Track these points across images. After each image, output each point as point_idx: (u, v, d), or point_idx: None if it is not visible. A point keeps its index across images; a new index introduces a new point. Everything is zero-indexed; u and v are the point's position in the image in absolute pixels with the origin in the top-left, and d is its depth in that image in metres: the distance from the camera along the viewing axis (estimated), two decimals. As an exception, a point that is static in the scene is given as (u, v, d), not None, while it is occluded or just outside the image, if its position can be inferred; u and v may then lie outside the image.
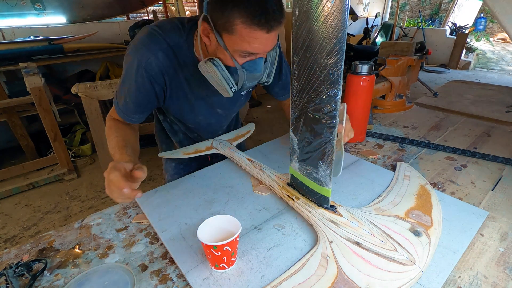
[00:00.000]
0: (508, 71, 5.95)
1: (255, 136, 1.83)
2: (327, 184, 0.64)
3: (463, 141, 1.08)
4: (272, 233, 0.66)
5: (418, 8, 9.02)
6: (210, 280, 0.54)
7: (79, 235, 0.69)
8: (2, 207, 2.24)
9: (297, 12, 0.54)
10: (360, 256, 0.56)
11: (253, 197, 0.78)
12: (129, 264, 0.60)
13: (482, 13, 7.47)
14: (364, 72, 0.99)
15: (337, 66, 0.52)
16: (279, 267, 0.57)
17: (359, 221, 0.63)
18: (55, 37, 2.81)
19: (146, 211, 0.74)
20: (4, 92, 2.62)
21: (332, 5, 0.48)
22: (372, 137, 1.13)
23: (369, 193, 0.78)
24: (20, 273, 0.57)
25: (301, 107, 0.63)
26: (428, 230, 0.62)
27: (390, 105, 1.40)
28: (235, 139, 1.07)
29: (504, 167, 0.91)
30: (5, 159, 2.87)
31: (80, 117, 3.02)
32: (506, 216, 0.70)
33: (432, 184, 0.83)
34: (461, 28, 6.39)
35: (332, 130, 0.58)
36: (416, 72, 1.56)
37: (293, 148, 0.70)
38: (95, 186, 2.48)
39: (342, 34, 0.49)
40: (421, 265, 0.54)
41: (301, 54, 0.57)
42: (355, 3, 7.03)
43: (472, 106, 1.41)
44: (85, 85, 2.07)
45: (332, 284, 0.51)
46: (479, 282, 0.54)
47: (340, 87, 0.54)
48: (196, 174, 0.91)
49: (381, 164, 0.95)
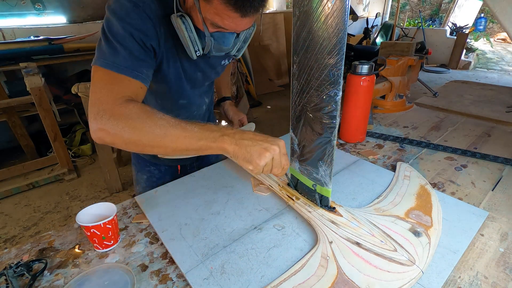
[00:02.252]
0: (508, 71, 5.94)
1: (255, 136, 1.82)
2: (327, 184, 0.64)
3: (463, 141, 1.08)
4: (272, 233, 0.66)
5: (418, 8, 9.02)
6: (210, 280, 0.54)
7: (79, 235, 0.69)
8: (2, 207, 2.24)
9: (297, 12, 0.54)
10: (360, 256, 0.56)
11: (253, 197, 0.78)
12: (129, 264, 0.60)
13: (482, 13, 7.48)
14: (364, 72, 0.99)
15: (337, 66, 0.52)
16: (279, 267, 0.57)
17: (359, 221, 0.63)
18: (55, 37, 2.81)
19: (146, 211, 0.74)
20: (4, 92, 2.62)
21: (332, 5, 0.48)
22: (372, 137, 1.13)
23: (369, 193, 0.78)
24: (20, 273, 0.56)
25: (301, 107, 0.63)
26: (428, 230, 0.62)
27: (390, 105, 1.40)
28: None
29: (504, 167, 0.91)
30: (5, 159, 2.87)
31: (80, 117, 3.02)
32: (506, 216, 0.70)
33: (432, 184, 0.83)
34: (461, 28, 6.39)
35: (332, 130, 0.58)
36: (416, 72, 1.56)
37: (293, 148, 0.70)
38: (95, 186, 2.48)
39: (342, 34, 0.49)
40: (421, 266, 0.54)
41: (302, 54, 0.57)
42: (355, 3, 7.03)
43: (472, 106, 1.41)
44: (85, 85, 2.07)
45: (332, 284, 0.51)
46: (479, 282, 0.54)
47: (340, 87, 0.54)
48: (196, 174, 0.91)
49: (381, 164, 0.94)
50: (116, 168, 2.32)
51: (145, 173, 1.04)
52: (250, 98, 4.14)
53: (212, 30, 0.66)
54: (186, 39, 0.67)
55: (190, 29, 0.66)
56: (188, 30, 0.66)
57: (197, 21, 0.66)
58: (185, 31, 0.66)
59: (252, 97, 4.30)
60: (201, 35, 0.68)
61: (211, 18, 0.62)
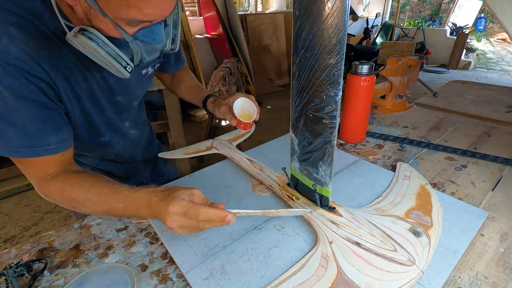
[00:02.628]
0: (508, 71, 5.95)
1: (255, 136, 1.83)
2: (327, 184, 0.64)
3: (463, 141, 1.08)
4: (272, 233, 0.66)
5: (418, 8, 9.02)
6: (210, 280, 0.54)
7: (79, 235, 0.69)
8: (2, 207, 2.24)
9: (297, 12, 0.54)
10: (360, 256, 0.56)
11: (253, 197, 0.78)
12: (129, 264, 0.60)
13: (482, 13, 7.48)
14: (364, 72, 0.99)
15: (337, 66, 0.52)
16: (279, 267, 0.57)
17: (359, 221, 0.63)
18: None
19: (146, 211, 0.74)
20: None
21: (332, 5, 0.48)
22: (372, 137, 1.13)
23: (369, 193, 0.78)
24: (20, 273, 0.56)
25: (301, 107, 0.63)
26: (428, 230, 0.62)
27: (390, 105, 1.40)
28: (235, 139, 1.07)
29: (504, 167, 0.91)
30: (5, 159, 2.86)
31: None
32: (506, 216, 0.70)
33: (432, 184, 0.83)
34: (461, 28, 6.39)
35: (332, 130, 0.58)
36: (416, 72, 1.56)
37: (293, 148, 0.70)
38: (95, 186, 2.48)
39: (342, 34, 0.49)
40: (421, 266, 0.54)
41: (301, 54, 0.57)
42: (355, 3, 7.03)
43: (472, 106, 1.41)
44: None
45: (332, 284, 0.51)
46: (479, 282, 0.54)
47: (340, 87, 0.54)
48: (196, 174, 0.91)
49: (381, 164, 0.95)
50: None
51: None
52: (250, 98, 4.14)
53: (132, 31, 0.50)
54: (104, 57, 0.50)
55: (104, 42, 0.49)
56: (102, 45, 0.49)
57: (106, 29, 0.49)
58: (98, 47, 0.48)
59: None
60: (120, 44, 0.50)
61: (125, 14, 0.46)
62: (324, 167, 0.62)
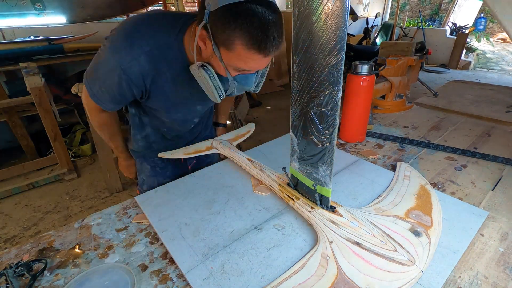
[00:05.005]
0: (508, 71, 5.94)
1: (255, 136, 1.83)
2: (327, 184, 0.64)
3: (463, 141, 1.08)
4: (272, 233, 0.66)
5: (418, 8, 9.02)
6: (210, 280, 0.54)
7: (79, 235, 0.69)
8: (2, 207, 2.24)
9: (297, 12, 0.54)
10: (360, 256, 0.56)
11: (253, 197, 0.78)
12: (129, 264, 0.60)
13: (482, 13, 7.47)
14: (364, 72, 0.99)
15: (337, 66, 0.52)
16: (279, 267, 0.57)
17: (359, 221, 0.63)
18: (55, 37, 2.80)
19: (146, 211, 0.74)
20: (4, 92, 2.62)
21: (332, 5, 0.48)
22: (372, 137, 1.13)
23: (369, 193, 0.78)
24: (20, 273, 0.56)
25: (301, 107, 0.63)
26: (428, 230, 0.62)
27: (390, 105, 1.40)
28: (235, 139, 1.07)
29: (504, 167, 0.91)
30: (5, 159, 2.87)
31: (80, 117, 3.02)
32: (506, 216, 0.70)
33: (432, 184, 0.83)
34: (461, 28, 6.39)
35: (332, 130, 0.58)
36: (416, 72, 1.56)
37: (293, 148, 0.70)
38: (95, 186, 2.48)
39: (342, 34, 0.49)
40: (421, 265, 0.54)
41: (302, 54, 0.57)
42: (355, 3, 7.03)
43: (472, 106, 1.41)
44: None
45: (332, 284, 0.51)
46: (479, 282, 0.54)
47: (340, 87, 0.54)
48: (196, 174, 0.91)
49: (381, 164, 0.94)
50: (116, 168, 2.32)
51: (149, 163, 1.08)
52: (250, 98, 4.14)
53: (234, 74, 0.71)
54: (210, 87, 0.71)
55: (214, 77, 0.70)
56: (212, 78, 0.70)
57: (218, 68, 0.70)
58: (209, 79, 0.70)
59: (252, 97, 4.30)
60: (223, 80, 0.72)
61: (235, 64, 0.66)
62: (324, 167, 0.62)
